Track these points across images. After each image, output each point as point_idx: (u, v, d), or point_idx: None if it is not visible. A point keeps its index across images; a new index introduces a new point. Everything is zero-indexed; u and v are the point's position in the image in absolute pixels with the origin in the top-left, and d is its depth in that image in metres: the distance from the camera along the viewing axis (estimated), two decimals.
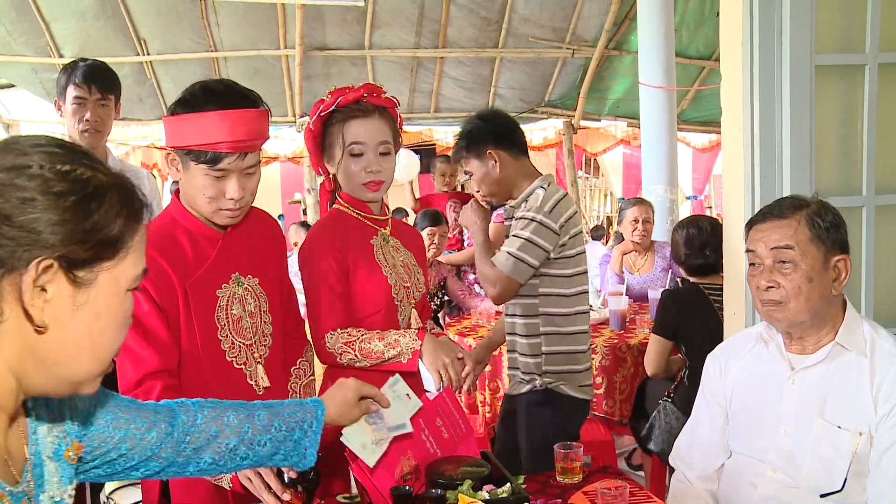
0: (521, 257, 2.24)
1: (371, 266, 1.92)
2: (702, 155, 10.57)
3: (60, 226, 0.82)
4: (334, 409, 1.37)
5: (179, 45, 7.23)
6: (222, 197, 1.59)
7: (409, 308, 1.99)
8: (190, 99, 1.58)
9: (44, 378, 0.88)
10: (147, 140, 7.99)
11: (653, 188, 5.66)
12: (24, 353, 0.85)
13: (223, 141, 1.54)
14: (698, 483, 1.82)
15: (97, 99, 2.47)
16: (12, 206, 0.80)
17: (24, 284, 0.81)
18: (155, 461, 1.14)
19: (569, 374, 2.34)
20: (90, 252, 0.84)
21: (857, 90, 2.17)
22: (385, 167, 1.92)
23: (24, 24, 6.74)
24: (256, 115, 1.59)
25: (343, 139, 1.90)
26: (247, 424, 1.24)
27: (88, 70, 2.47)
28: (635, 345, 3.34)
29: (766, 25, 2.07)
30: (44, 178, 0.82)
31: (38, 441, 0.95)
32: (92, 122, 2.46)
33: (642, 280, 4.21)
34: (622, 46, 7.90)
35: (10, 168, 0.82)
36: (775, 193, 2.08)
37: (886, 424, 1.55)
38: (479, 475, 1.57)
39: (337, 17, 7.25)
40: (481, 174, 2.38)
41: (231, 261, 1.69)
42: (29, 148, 0.84)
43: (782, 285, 1.60)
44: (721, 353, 1.85)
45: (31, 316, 0.83)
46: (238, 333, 1.67)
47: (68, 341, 0.86)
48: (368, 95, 1.91)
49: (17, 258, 0.80)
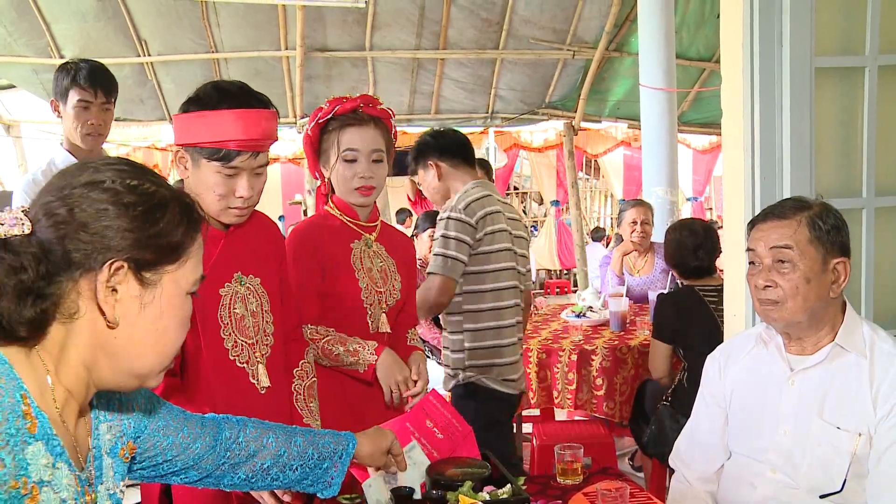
0: (446, 254, 2.41)
1: (344, 268, 2.00)
2: (702, 156, 10.58)
3: (130, 232, 0.93)
4: (367, 448, 1.47)
5: (180, 46, 7.23)
6: (232, 195, 1.62)
7: (380, 312, 2.05)
8: (204, 97, 1.60)
9: (113, 371, 0.97)
10: (148, 141, 8.00)
11: (653, 190, 5.66)
12: (96, 347, 0.95)
13: (237, 139, 1.57)
14: (698, 484, 1.82)
15: (102, 103, 2.47)
16: (88, 215, 0.92)
17: (98, 284, 0.92)
18: (195, 471, 1.23)
19: (491, 367, 2.49)
20: (155, 255, 0.96)
21: (857, 92, 2.18)
22: (377, 174, 2.01)
23: (24, 24, 6.75)
24: (269, 116, 1.64)
25: (338, 145, 1.99)
26: (283, 448, 1.33)
27: (92, 73, 2.46)
28: (635, 346, 3.34)
29: (766, 28, 2.07)
30: (115, 191, 0.94)
31: (99, 436, 1.04)
32: (96, 125, 2.47)
33: (642, 281, 4.21)
34: (623, 48, 7.90)
35: (87, 183, 0.93)
36: (775, 195, 2.09)
37: (886, 425, 1.55)
38: (480, 476, 1.58)
39: (338, 19, 7.26)
40: (425, 183, 2.68)
41: (233, 260, 1.71)
42: (102, 166, 0.96)
43: (780, 285, 1.61)
44: (720, 355, 1.86)
45: (105, 312, 0.93)
46: (240, 332, 1.69)
47: (136, 337, 0.96)
48: (365, 106, 2.00)
49: (92, 260, 0.92)
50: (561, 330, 3.73)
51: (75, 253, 0.91)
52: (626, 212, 4.31)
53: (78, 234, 0.91)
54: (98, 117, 2.47)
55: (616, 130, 9.73)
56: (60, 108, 2.49)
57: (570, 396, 3.28)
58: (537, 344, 3.39)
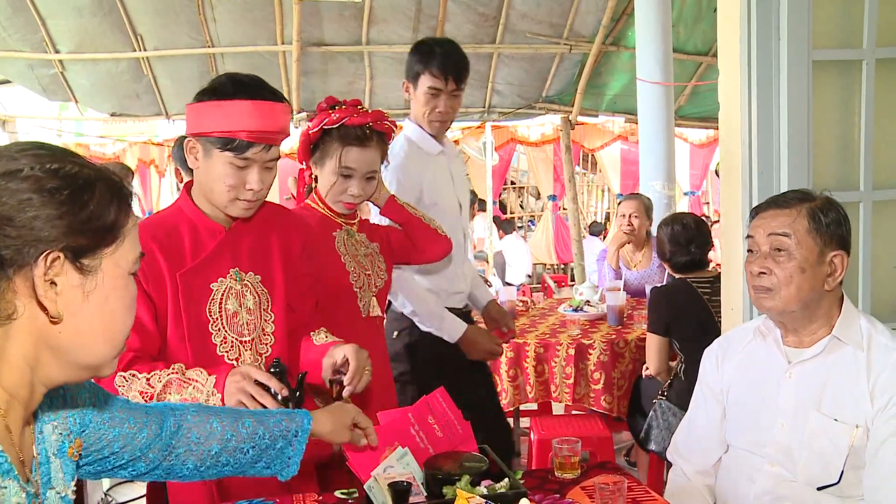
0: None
1: (330, 255, 2.04)
2: (699, 151, 10.57)
3: (60, 219, 0.87)
4: (327, 425, 1.40)
5: (176, 41, 7.19)
6: (242, 187, 1.62)
7: (370, 295, 2.11)
8: (219, 88, 1.60)
9: (61, 367, 0.93)
10: (144, 136, 7.97)
11: (650, 184, 5.66)
12: (39, 344, 0.90)
13: (251, 130, 1.57)
14: (696, 478, 1.82)
15: (451, 90, 2.47)
16: (11, 207, 0.85)
17: (35, 279, 0.86)
18: (142, 462, 1.18)
19: None
20: (90, 240, 0.90)
21: (854, 85, 2.18)
22: (367, 190, 2.08)
23: (20, 19, 6.71)
24: (283, 109, 1.63)
25: (338, 159, 2.01)
26: (230, 431, 1.27)
27: (445, 59, 2.44)
28: (633, 340, 3.35)
29: (763, 21, 2.07)
30: (36, 178, 0.87)
31: (43, 440, 0.99)
32: (444, 113, 2.48)
33: (639, 276, 4.22)
34: (620, 42, 7.88)
35: (2, 175, 0.86)
36: (773, 189, 2.09)
37: (882, 417, 1.55)
38: (478, 470, 1.58)
39: (334, 13, 7.23)
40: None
41: (231, 255, 1.70)
42: (16, 153, 0.89)
43: (774, 272, 1.61)
44: (718, 348, 1.86)
45: (46, 308, 0.88)
46: (232, 328, 1.67)
47: (82, 328, 0.91)
48: (374, 122, 2.01)
49: (24, 255, 0.86)
50: (558, 324, 3.73)
51: (4, 250, 0.85)
52: (620, 206, 4.39)
53: (3, 229, 0.85)
54: (446, 105, 2.48)
55: (613, 125, 9.72)
56: (410, 91, 2.51)
57: (567, 391, 3.29)
58: (535, 338, 3.40)
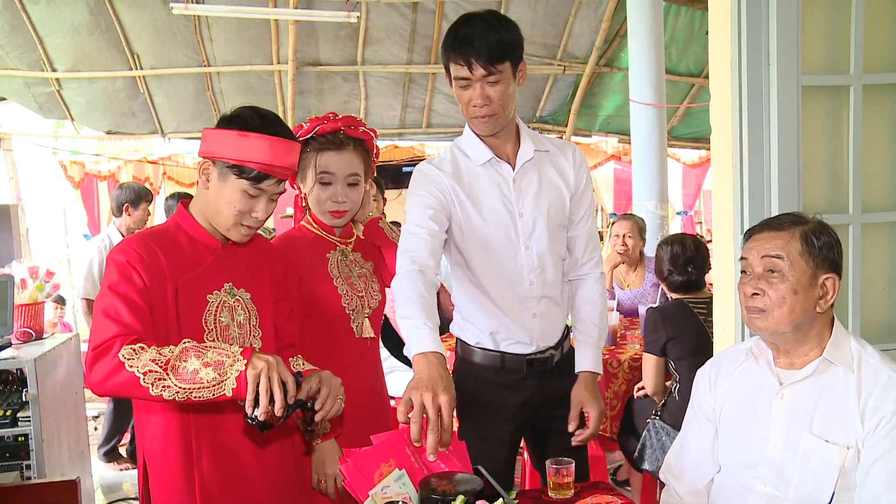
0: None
1: (322, 277, 2.05)
2: (692, 171, 10.62)
3: None
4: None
5: (173, 60, 7.23)
6: (249, 214, 1.71)
7: (363, 317, 2.11)
8: (249, 120, 1.67)
9: None
10: (139, 154, 7.96)
11: (643, 204, 5.69)
12: None
13: (269, 164, 1.65)
14: (688, 498, 1.83)
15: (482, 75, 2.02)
16: None
17: None
18: None
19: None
20: None
21: (842, 110, 2.21)
22: (351, 197, 2.07)
23: (17, 38, 6.74)
24: (297, 149, 1.73)
25: (315, 167, 2.04)
26: None
27: (466, 41, 2.03)
28: (626, 360, 3.36)
29: (753, 46, 2.11)
30: None
31: None
32: (480, 106, 2.00)
33: (633, 295, 4.23)
34: (613, 63, 7.96)
35: None
36: (764, 210, 2.11)
37: (873, 439, 1.56)
38: (472, 490, 1.58)
39: (330, 33, 7.29)
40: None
41: (226, 270, 1.77)
42: None
43: (767, 293, 1.63)
44: (711, 368, 1.87)
45: None
46: (225, 341, 1.72)
47: None
48: (346, 128, 2.04)
49: None
50: None
51: None
52: (614, 226, 4.41)
53: None
54: (482, 95, 1.99)
55: (606, 145, 9.76)
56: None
57: None
58: None
